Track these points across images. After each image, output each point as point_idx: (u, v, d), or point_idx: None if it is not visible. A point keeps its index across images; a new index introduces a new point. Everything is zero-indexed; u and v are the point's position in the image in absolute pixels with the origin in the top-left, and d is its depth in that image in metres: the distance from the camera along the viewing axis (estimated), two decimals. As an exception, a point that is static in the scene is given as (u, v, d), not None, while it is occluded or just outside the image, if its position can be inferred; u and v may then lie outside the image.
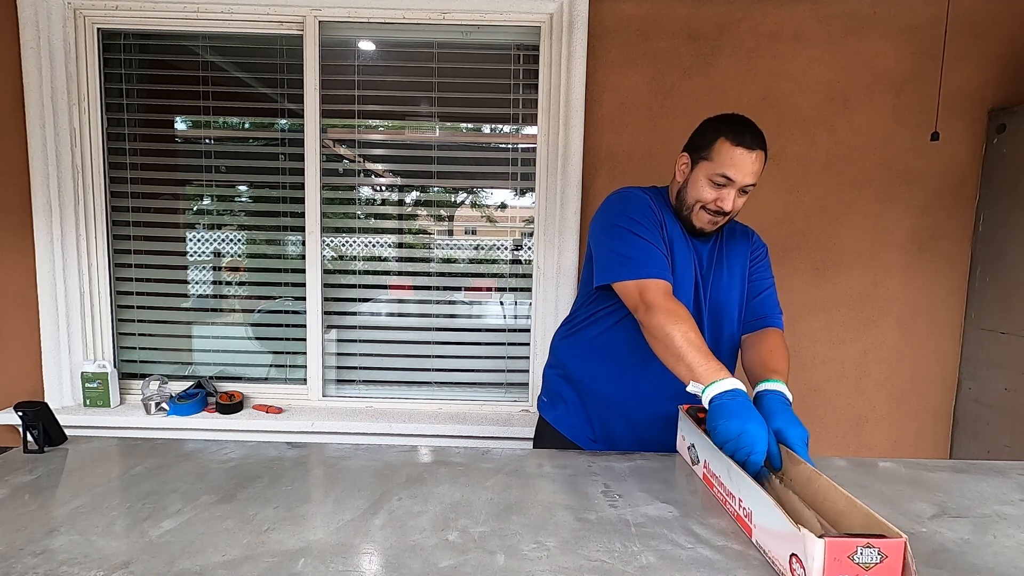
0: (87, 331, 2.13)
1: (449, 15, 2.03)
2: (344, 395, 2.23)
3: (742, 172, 1.12)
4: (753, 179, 1.14)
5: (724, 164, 1.13)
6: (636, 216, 1.17)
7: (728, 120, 1.17)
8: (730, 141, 1.13)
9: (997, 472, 1.08)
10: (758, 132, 1.15)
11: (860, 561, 0.63)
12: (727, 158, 1.13)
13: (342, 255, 2.21)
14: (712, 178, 1.15)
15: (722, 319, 1.24)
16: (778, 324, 1.26)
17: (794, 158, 2.08)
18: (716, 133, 1.15)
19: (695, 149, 1.19)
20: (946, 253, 2.12)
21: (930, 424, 2.19)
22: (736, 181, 1.13)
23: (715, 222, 1.19)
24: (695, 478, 1.03)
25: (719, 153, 1.14)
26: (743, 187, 1.15)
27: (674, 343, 1.01)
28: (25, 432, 1.08)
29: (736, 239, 1.29)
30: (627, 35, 2.03)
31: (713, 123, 1.18)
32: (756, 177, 1.14)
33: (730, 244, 1.28)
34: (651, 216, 1.18)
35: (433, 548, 0.77)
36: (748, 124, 1.16)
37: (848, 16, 2.02)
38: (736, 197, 1.15)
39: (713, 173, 1.14)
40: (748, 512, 0.81)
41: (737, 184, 1.14)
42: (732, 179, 1.13)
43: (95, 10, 2.02)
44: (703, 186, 1.16)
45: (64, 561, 0.72)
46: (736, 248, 1.28)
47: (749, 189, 1.16)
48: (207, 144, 2.14)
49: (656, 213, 1.19)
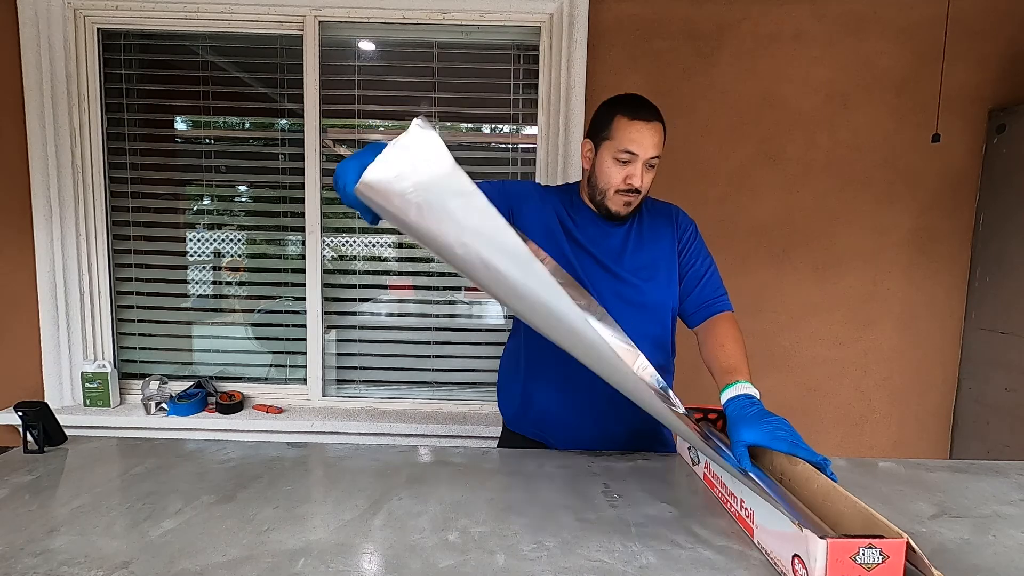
0: (87, 331, 2.13)
1: (449, 15, 2.02)
2: (344, 395, 2.23)
3: (643, 145, 1.14)
4: (655, 151, 1.15)
5: (625, 140, 1.14)
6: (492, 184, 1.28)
7: (621, 99, 1.19)
8: (627, 116, 1.14)
9: (997, 472, 1.08)
10: (653, 106, 1.16)
11: (862, 562, 0.63)
12: (626, 134, 1.14)
13: (342, 255, 2.20)
14: (617, 156, 1.15)
15: (645, 302, 1.22)
16: (725, 307, 1.23)
17: (794, 158, 2.08)
18: (612, 112, 1.17)
19: (595, 133, 1.20)
20: (946, 253, 2.12)
21: (930, 424, 2.19)
22: (639, 155, 1.14)
23: (629, 202, 1.19)
24: (695, 478, 1.03)
25: (618, 130, 1.15)
26: (648, 161, 1.15)
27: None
28: (25, 432, 1.08)
29: (657, 219, 1.27)
30: (627, 35, 2.03)
31: (607, 104, 1.19)
32: (658, 149, 1.15)
33: (651, 224, 1.26)
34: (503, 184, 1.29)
35: (433, 548, 0.77)
36: (642, 99, 1.17)
37: (848, 16, 2.02)
38: (644, 172, 1.16)
39: (616, 151, 1.15)
40: (750, 512, 0.81)
41: (641, 158, 1.15)
42: (635, 153, 1.14)
43: (95, 10, 2.02)
44: (610, 167, 1.17)
45: (64, 561, 0.72)
46: (658, 230, 1.26)
47: (655, 163, 1.17)
48: (207, 144, 2.14)
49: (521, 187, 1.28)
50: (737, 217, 2.10)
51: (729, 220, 2.10)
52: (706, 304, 1.23)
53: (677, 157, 2.07)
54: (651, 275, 1.23)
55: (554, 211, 1.24)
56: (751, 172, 2.08)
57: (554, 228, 1.23)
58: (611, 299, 1.20)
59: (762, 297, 2.13)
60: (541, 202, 1.25)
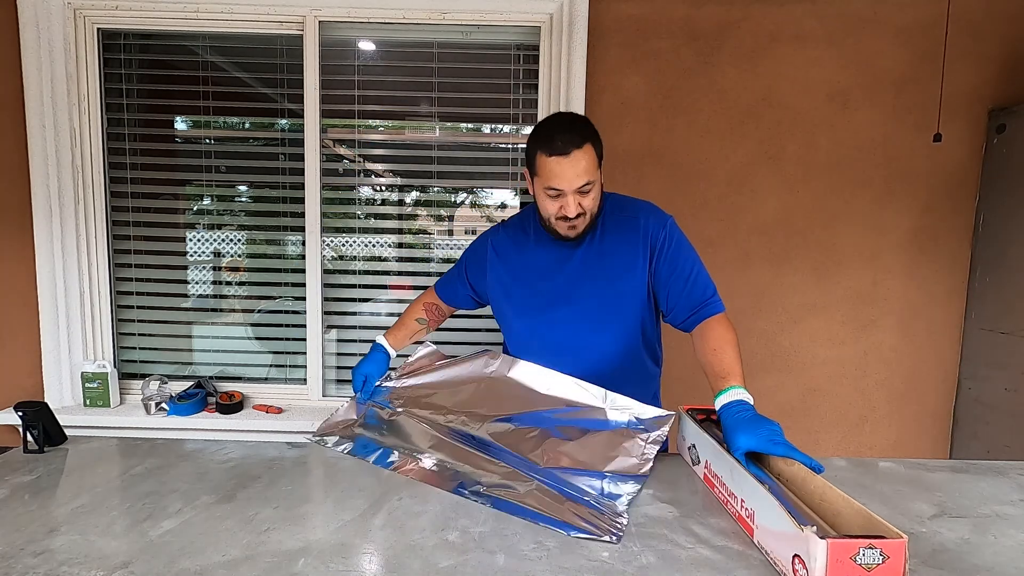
0: (87, 331, 2.13)
1: (449, 15, 2.02)
2: (344, 395, 2.23)
3: (566, 180, 1.09)
4: (581, 180, 1.10)
5: (547, 177, 1.11)
6: (462, 255, 1.43)
7: (539, 130, 1.14)
8: (544, 153, 1.10)
9: (997, 472, 1.08)
10: (571, 128, 1.10)
11: (862, 562, 0.63)
12: (547, 171, 1.10)
13: (342, 255, 2.20)
14: (546, 191, 1.13)
15: (611, 317, 1.21)
16: (717, 309, 1.18)
17: (794, 158, 2.08)
18: (534, 147, 1.13)
19: (528, 166, 1.18)
20: (946, 253, 2.12)
21: (930, 424, 2.19)
22: (564, 189, 1.10)
23: (574, 227, 1.16)
24: (695, 478, 1.03)
25: (540, 167, 1.12)
26: (578, 190, 1.11)
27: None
28: (25, 432, 1.08)
29: (621, 230, 1.22)
30: (627, 35, 2.03)
31: (530, 138, 1.15)
32: (586, 176, 1.10)
33: (612, 239, 1.21)
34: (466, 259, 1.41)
35: (433, 548, 0.77)
36: (558, 126, 1.11)
37: (848, 16, 2.02)
38: (577, 200, 1.12)
39: (543, 187, 1.13)
40: (750, 512, 0.81)
41: (568, 192, 1.10)
42: (559, 188, 1.10)
43: (95, 10, 2.02)
44: (544, 200, 1.15)
45: (64, 561, 0.72)
46: (620, 244, 1.20)
47: (587, 188, 1.12)
48: (207, 144, 2.14)
49: (477, 254, 1.37)
50: (737, 217, 2.10)
51: (729, 220, 2.10)
52: (696, 309, 1.18)
53: (677, 157, 2.07)
54: (613, 289, 1.20)
55: (503, 259, 1.31)
56: (751, 172, 2.08)
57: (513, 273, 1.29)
58: (575, 320, 1.21)
59: (762, 297, 2.13)
60: (495, 256, 1.33)
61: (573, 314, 1.22)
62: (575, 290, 1.22)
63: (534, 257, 1.27)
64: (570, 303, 1.22)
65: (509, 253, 1.31)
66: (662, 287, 1.20)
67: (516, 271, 1.29)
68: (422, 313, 1.48)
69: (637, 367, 1.26)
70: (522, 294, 1.27)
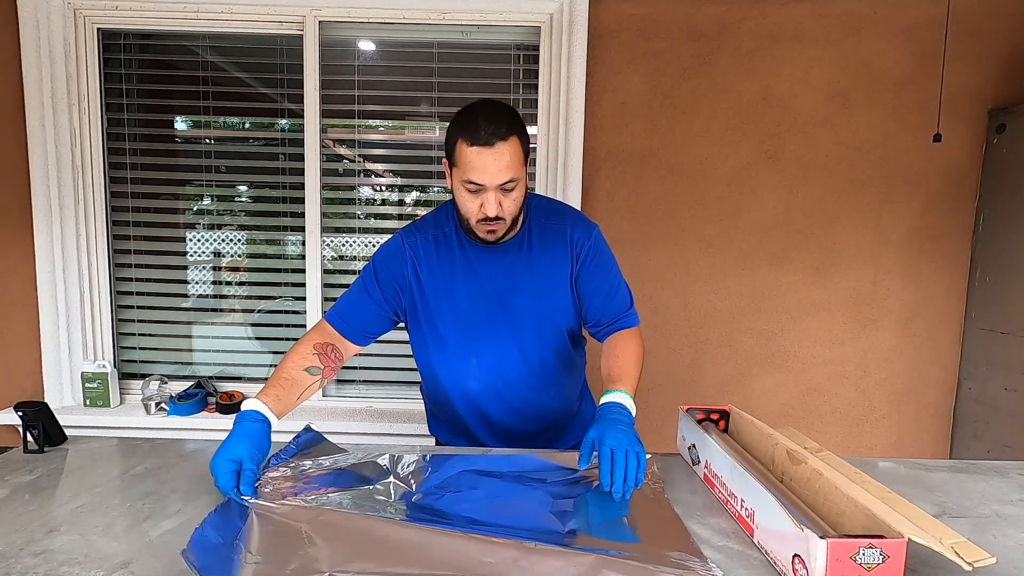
0: (87, 331, 2.13)
1: (449, 15, 2.02)
2: (344, 395, 2.23)
3: (488, 174, 0.98)
4: (505, 176, 0.99)
5: (467, 169, 0.99)
6: (367, 268, 1.22)
7: (463, 115, 1.01)
8: (466, 141, 0.98)
9: (997, 472, 1.08)
10: (498, 118, 0.98)
11: (862, 562, 0.63)
12: (468, 162, 0.98)
13: (342, 255, 2.20)
14: (465, 185, 1.01)
15: (547, 326, 1.17)
16: (631, 323, 1.17)
17: (794, 158, 2.08)
18: (455, 134, 1.00)
19: (447, 154, 1.05)
20: (946, 253, 2.12)
21: (930, 424, 2.19)
22: (486, 184, 0.99)
23: (494, 230, 1.05)
24: (695, 478, 1.03)
25: (460, 157, 0.99)
26: (501, 187, 1.00)
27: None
28: (25, 432, 1.08)
29: (548, 238, 1.14)
30: (627, 35, 2.03)
31: (453, 122, 1.03)
32: (511, 172, 0.99)
33: (541, 245, 1.14)
34: (376, 272, 1.20)
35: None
36: (483, 114, 0.99)
37: (848, 16, 2.02)
38: (499, 199, 1.01)
39: (461, 180, 1.01)
40: (750, 512, 0.81)
41: (489, 187, 0.99)
42: (480, 183, 0.99)
43: (95, 10, 2.02)
44: (463, 195, 1.03)
45: (64, 561, 0.72)
46: (549, 251, 1.14)
47: (511, 186, 1.01)
48: (207, 144, 2.14)
49: (391, 263, 1.18)
50: (737, 217, 2.10)
51: (729, 220, 2.10)
52: (611, 322, 1.17)
53: (677, 157, 2.07)
54: (546, 299, 1.15)
55: (428, 266, 1.15)
56: (751, 172, 2.08)
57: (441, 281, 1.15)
58: (513, 331, 1.15)
59: (762, 297, 2.13)
60: (416, 263, 1.16)
61: (510, 326, 1.14)
62: (511, 300, 1.14)
63: (463, 263, 1.14)
64: (507, 312, 1.14)
65: (432, 259, 1.15)
66: (582, 296, 1.17)
67: (444, 279, 1.15)
68: (313, 359, 1.13)
69: (568, 362, 1.23)
70: (454, 306, 1.15)
